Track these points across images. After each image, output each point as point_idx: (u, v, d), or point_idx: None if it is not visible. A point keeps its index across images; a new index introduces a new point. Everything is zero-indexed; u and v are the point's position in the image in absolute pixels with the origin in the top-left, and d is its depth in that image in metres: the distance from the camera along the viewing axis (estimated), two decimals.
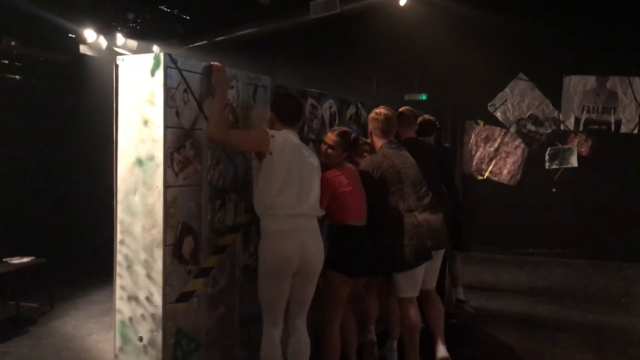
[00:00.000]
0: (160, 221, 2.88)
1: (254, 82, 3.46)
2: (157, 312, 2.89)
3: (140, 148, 2.93)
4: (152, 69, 2.88)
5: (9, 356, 4.31)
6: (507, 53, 8.12)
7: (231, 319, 3.35)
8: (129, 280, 2.99)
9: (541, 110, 8.28)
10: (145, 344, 2.94)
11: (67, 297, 5.80)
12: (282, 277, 3.10)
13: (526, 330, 5.03)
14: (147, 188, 2.91)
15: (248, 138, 3.22)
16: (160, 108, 2.87)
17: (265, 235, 3.15)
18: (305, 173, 3.16)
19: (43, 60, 7.13)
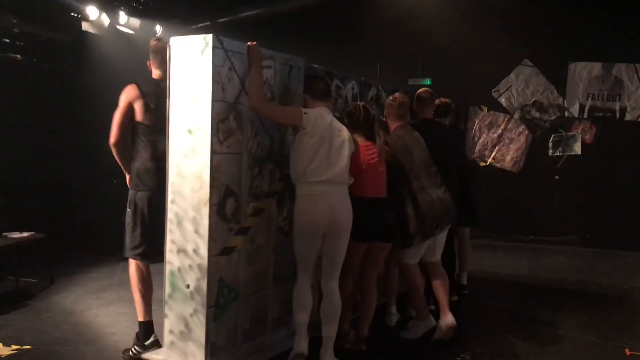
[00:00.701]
0: (207, 183, 3.36)
1: (289, 62, 3.96)
2: (203, 262, 3.39)
3: (190, 119, 3.41)
4: (202, 48, 3.33)
5: (8, 328, 4.44)
6: (512, 39, 8.24)
7: (266, 275, 3.86)
8: (179, 235, 3.47)
9: (546, 97, 8.34)
10: (192, 291, 3.43)
11: (67, 274, 5.93)
12: (312, 236, 3.59)
13: (527, 313, 5.21)
14: (195, 154, 3.39)
15: (283, 112, 3.72)
16: (209, 83, 3.32)
17: (298, 199, 3.64)
18: (334, 145, 3.61)
19: (45, 39, 7.10)
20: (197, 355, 3.43)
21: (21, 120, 6.86)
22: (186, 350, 3.48)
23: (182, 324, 3.48)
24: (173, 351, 3.54)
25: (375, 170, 3.90)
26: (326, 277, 3.69)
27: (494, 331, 4.65)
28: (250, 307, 3.73)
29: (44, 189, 6.90)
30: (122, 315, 4.91)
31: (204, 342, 3.42)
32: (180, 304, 3.48)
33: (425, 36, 8.43)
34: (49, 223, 6.14)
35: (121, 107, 3.70)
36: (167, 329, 3.56)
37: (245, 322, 3.72)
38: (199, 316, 3.41)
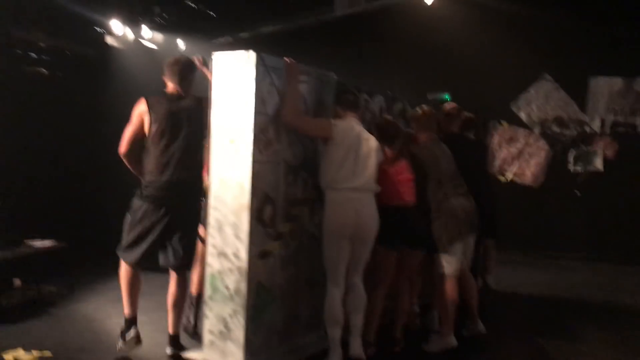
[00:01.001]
0: (247, 190, 3.62)
1: (322, 78, 4.31)
2: (242, 265, 3.63)
3: (232, 130, 3.68)
4: (245, 63, 3.62)
5: (29, 336, 4.54)
6: (532, 54, 8.23)
7: (299, 279, 4.12)
8: (219, 239, 3.72)
9: (566, 112, 8.38)
10: (232, 293, 3.67)
11: (87, 282, 6.05)
12: (340, 240, 3.83)
13: (548, 329, 5.22)
14: (237, 163, 3.65)
15: (315, 125, 4.04)
16: (251, 96, 3.60)
17: (327, 204, 3.91)
18: (362, 154, 3.88)
19: (70, 53, 7.29)
20: (237, 354, 3.64)
21: (46, 132, 7.05)
22: (225, 349, 3.69)
23: (222, 324, 3.71)
24: (212, 350, 3.75)
25: (403, 179, 4.17)
26: (351, 274, 3.95)
27: (513, 347, 4.72)
28: (284, 309, 3.98)
29: (66, 199, 7.06)
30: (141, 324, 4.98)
31: (243, 342, 3.64)
32: (220, 305, 3.71)
33: (444, 50, 8.51)
34: (70, 232, 6.26)
35: (132, 120, 3.98)
36: (207, 329, 3.79)
37: (280, 324, 3.96)
38: (239, 317, 3.64)
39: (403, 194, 4.15)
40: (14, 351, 4.13)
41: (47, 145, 7.08)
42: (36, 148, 6.90)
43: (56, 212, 6.90)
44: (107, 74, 7.77)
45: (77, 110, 7.58)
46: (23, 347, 4.22)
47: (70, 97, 7.52)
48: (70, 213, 7.10)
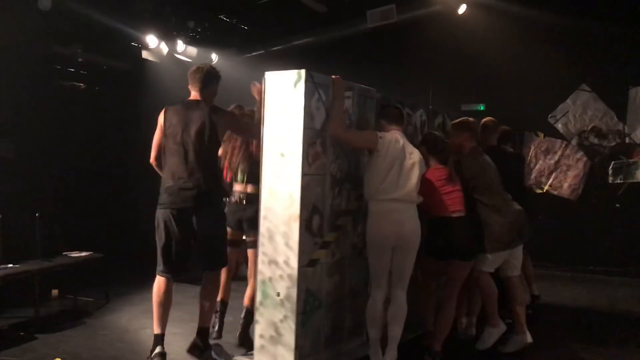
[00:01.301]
0: (297, 201, 3.83)
1: (364, 93, 4.54)
2: (293, 273, 3.84)
3: (283, 143, 3.90)
4: (295, 82, 3.86)
5: (65, 345, 4.77)
6: (569, 63, 8.24)
7: (343, 286, 4.34)
8: (270, 248, 3.93)
9: (605, 123, 8.21)
10: (282, 299, 3.86)
11: (122, 293, 6.17)
12: (383, 249, 4.03)
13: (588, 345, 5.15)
14: (287, 175, 3.87)
15: (361, 137, 4.25)
16: (301, 113, 3.84)
17: (370, 215, 4.12)
18: (405, 166, 4.04)
19: (107, 67, 7.46)
20: (287, 358, 3.84)
21: (83, 145, 7.23)
22: (276, 353, 3.89)
23: (272, 329, 3.91)
24: (263, 354, 3.96)
25: (450, 190, 4.31)
26: (394, 285, 4.15)
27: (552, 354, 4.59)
28: (330, 315, 4.21)
29: (102, 211, 7.19)
30: (174, 335, 5.09)
31: (294, 346, 3.84)
32: (270, 310, 3.92)
33: (478, 60, 8.48)
34: (106, 243, 6.39)
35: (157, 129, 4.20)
36: (258, 333, 4.00)
37: (326, 330, 4.19)
38: (289, 322, 3.84)
39: (451, 205, 4.28)
40: None
41: (84, 157, 7.27)
42: (74, 161, 7.08)
43: (93, 224, 7.06)
44: (143, 88, 7.96)
45: (113, 123, 7.77)
46: (60, 356, 4.32)
47: (107, 110, 7.72)
48: (107, 224, 7.25)
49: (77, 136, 7.17)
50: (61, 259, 5.73)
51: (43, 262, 5.50)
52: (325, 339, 4.15)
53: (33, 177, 6.44)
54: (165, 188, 4.05)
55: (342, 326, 4.34)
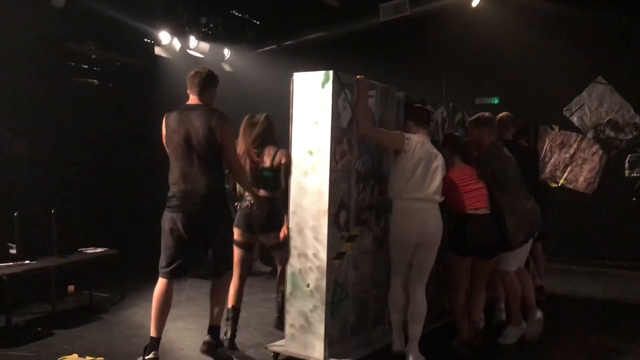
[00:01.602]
0: (326, 197, 4.03)
1: (386, 92, 4.67)
2: (322, 265, 4.05)
3: (311, 141, 4.09)
4: (323, 82, 4.04)
5: (82, 340, 4.83)
6: (584, 55, 8.14)
7: (367, 278, 4.54)
8: (299, 241, 4.14)
9: (621, 115, 8.17)
10: (312, 290, 4.09)
11: (137, 289, 6.24)
12: (406, 245, 4.22)
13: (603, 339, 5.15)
14: (315, 172, 4.08)
15: (390, 138, 4.34)
16: (329, 112, 4.03)
17: (395, 212, 4.31)
18: (431, 168, 4.22)
19: (120, 64, 7.49)
20: (317, 346, 4.07)
21: (97, 141, 7.28)
22: (306, 342, 4.12)
23: (303, 318, 4.13)
24: (293, 343, 4.19)
25: (473, 188, 4.46)
26: (414, 282, 4.29)
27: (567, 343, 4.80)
28: (356, 306, 4.42)
29: (117, 208, 7.25)
30: (189, 330, 5.11)
31: (323, 335, 4.06)
32: (300, 301, 4.14)
33: (492, 53, 8.47)
34: (121, 240, 6.44)
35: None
36: (288, 322, 4.22)
37: (353, 319, 4.39)
38: (319, 312, 4.05)
39: (475, 203, 4.44)
40: (69, 356, 4.27)
41: (99, 154, 7.33)
42: (89, 157, 7.15)
43: (108, 220, 7.11)
44: (156, 84, 8.00)
45: (127, 119, 7.83)
46: (76, 351, 4.36)
47: (121, 107, 7.75)
48: (122, 221, 7.30)
49: (91, 133, 7.25)
50: (77, 255, 5.80)
51: (59, 258, 5.57)
52: (351, 328, 4.37)
53: (48, 174, 6.51)
54: (173, 191, 4.12)
55: (366, 316, 4.57)
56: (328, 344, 4.06)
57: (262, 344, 4.67)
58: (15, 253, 5.41)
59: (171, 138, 4.08)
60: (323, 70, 4.03)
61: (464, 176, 4.48)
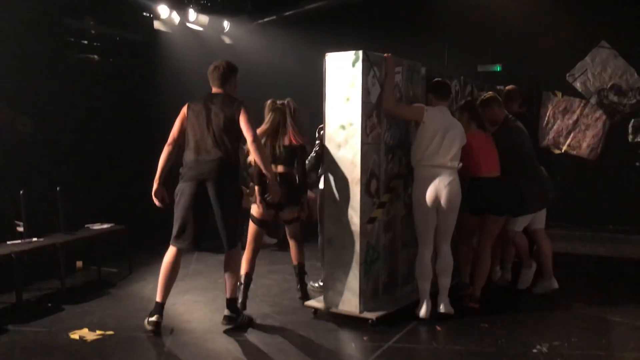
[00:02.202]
0: (358, 167, 4.44)
1: (412, 68, 5.02)
2: (356, 229, 4.49)
3: (343, 117, 4.48)
4: (353, 61, 4.40)
5: (92, 315, 4.91)
6: (588, 20, 8.09)
7: (396, 241, 5.00)
8: (335, 209, 4.57)
9: (625, 80, 8.12)
10: (347, 251, 4.50)
11: (144, 263, 6.32)
12: (427, 210, 4.61)
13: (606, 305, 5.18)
14: (348, 145, 4.47)
15: (409, 110, 4.77)
16: (359, 89, 4.40)
17: (416, 180, 4.71)
18: (448, 137, 4.57)
19: (119, 39, 7.43)
20: (353, 302, 4.53)
21: (99, 117, 7.27)
22: (343, 298, 4.58)
23: (339, 277, 4.58)
24: (331, 299, 4.64)
25: (486, 154, 4.87)
26: (439, 241, 4.77)
27: (569, 322, 4.80)
28: (386, 266, 4.88)
29: (122, 183, 7.26)
30: (197, 303, 5.18)
31: (358, 292, 4.51)
32: (336, 262, 4.58)
33: (494, 20, 8.40)
34: (127, 215, 6.50)
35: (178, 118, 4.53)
36: (327, 282, 4.68)
37: (384, 278, 4.85)
38: (354, 271, 4.50)
39: (488, 167, 4.86)
40: (80, 331, 4.33)
41: (102, 130, 7.32)
42: (92, 133, 7.14)
43: (114, 196, 7.15)
44: (156, 58, 7.94)
45: (128, 94, 7.79)
46: (87, 326, 4.43)
47: (122, 81, 7.72)
48: (127, 196, 7.33)
49: (93, 108, 7.22)
50: (84, 231, 5.86)
51: (66, 235, 5.63)
52: (383, 286, 4.83)
53: (52, 151, 6.53)
54: (186, 162, 4.37)
55: (396, 275, 5.02)
56: (362, 300, 4.51)
57: (269, 314, 4.80)
58: (22, 231, 5.47)
59: (191, 120, 4.36)
60: (353, 51, 4.40)
61: (480, 142, 4.86)
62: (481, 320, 4.66)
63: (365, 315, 4.51)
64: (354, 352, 4.07)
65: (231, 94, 4.44)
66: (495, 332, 4.41)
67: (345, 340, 4.25)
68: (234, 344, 4.19)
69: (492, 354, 3.99)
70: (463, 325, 4.58)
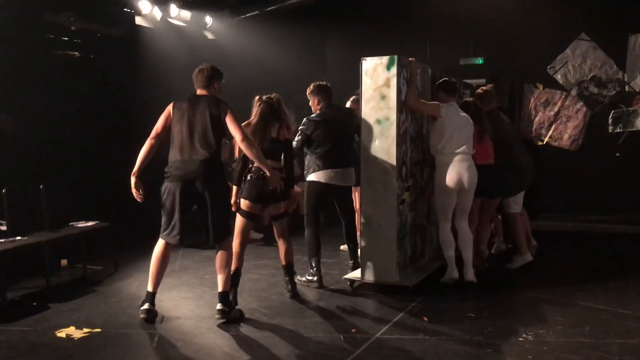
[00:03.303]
0: (393, 156, 5.13)
1: (424, 70, 5.76)
2: (392, 209, 5.16)
3: (379, 113, 5.16)
4: (388, 65, 5.10)
5: (78, 312, 4.86)
6: (568, 12, 8.25)
7: (416, 219, 5.71)
8: (371, 192, 5.21)
9: (604, 72, 8.20)
10: (384, 229, 5.17)
11: (130, 260, 6.30)
12: (450, 193, 5.34)
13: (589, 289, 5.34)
14: (383, 137, 5.15)
15: (429, 107, 5.44)
16: (394, 88, 5.11)
17: (438, 166, 5.43)
18: (463, 128, 5.33)
19: (100, 35, 7.35)
20: (391, 273, 5.18)
21: (81, 113, 7.20)
22: (381, 269, 5.22)
23: (377, 252, 5.22)
24: (370, 272, 5.27)
25: (483, 144, 5.57)
26: (458, 219, 5.49)
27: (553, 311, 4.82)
28: (411, 241, 5.59)
29: (106, 179, 7.22)
30: (184, 299, 5.17)
31: (395, 264, 5.17)
32: (374, 240, 5.22)
33: (475, 13, 8.46)
34: (112, 212, 6.45)
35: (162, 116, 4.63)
36: (365, 256, 5.28)
37: (409, 251, 5.54)
38: (391, 246, 5.16)
39: (485, 156, 5.58)
40: (67, 329, 4.30)
41: (84, 126, 7.26)
42: (74, 130, 7.08)
43: (97, 193, 7.10)
44: (138, 54, 7.86)
45: (110, 90, 7.72)
46: (73, 324, 4.40)
47: (103, 78, 7.64)
48: (111, 193, 7.28)
49: (75, 105, 7.16)
50: (68, 229, 5.80)
51: (50, 233, 5.57)
52: (409, 258, 5.54)
53: (34, 149, 6.46)
54: (172, 162, 4.47)
55: (416, 248, 5.74)
56: (399, 270, 5.18)
57: (256, 309, 4.80)
58: (6, 229, 5.41)
59: (177, 119, 4.46)
60: (388, 56, 5.08)
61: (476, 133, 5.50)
62: (467, 310, 4.74)
63: (403, 283, 5.19)
64: (343, 343, 4.10)
65: (215, 96, 4.56)
66: (481, 321, 4.47)
67: (334, 333, 4.26)
68: (223, 339, 4.19)
69: (479, 343, 4.03)
70: (449, 316, 4.64)
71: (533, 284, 5.48)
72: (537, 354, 3.84)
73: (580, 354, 3.80)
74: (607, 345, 3.95)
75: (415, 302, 4.91)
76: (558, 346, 3.96)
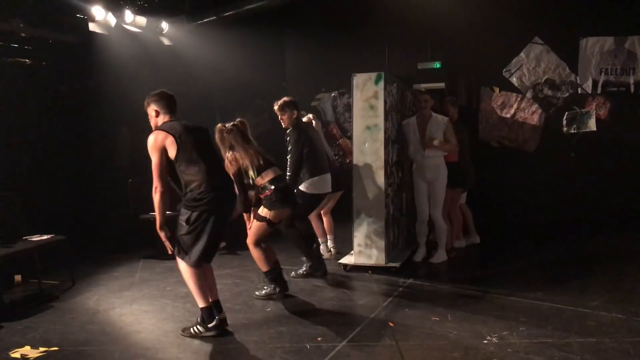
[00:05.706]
0: (382, 157, 6.05)
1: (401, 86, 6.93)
2: (381, 202, 6.10)
3: (369, 120, 6.06)
4: (376, 80, 6.01)
5: (34, 331, 4.68)
6: (522, 17, 8.38)
7: (395, 211, 6.61)
8: (362, 187, 6.13)
9: (558, 74, 8.37)
10: (374, 219, 6.11)
11: (88, 274, 6.16)
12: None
13: (549, 290, 5.38)
14: (373, 141, 6.07)
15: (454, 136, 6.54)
16: (382, 100, 6.01)
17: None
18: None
19: (52, 41, 7.13)
20: (380, 257, 6.14)
21: (34, 123, 6.96)
22: (371, 254, 6.18)
23: (368, 239, 6.17)
24: (361, 255, 6.22)
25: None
26: (432, 209, 6.52)
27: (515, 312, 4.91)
28: (394, 229, 6.62)
29: (61, 192, 7.01)
30: (145, 312, 5.04)
31: (384, 248, 6.12)
32: (365, 227, 6.16)
33: (433, 18, 8.53)
34: (68, 225, 6.25)
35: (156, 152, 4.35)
36: (357, 242, 6.20)
37: (392, 237, 6.47)
38: (379, 233, 6.12)
39: (451, 156, 6.53)
40: (21, 349, 4.13)
41: (39, 137, 7.02)
42: (28, 141, 6.83)
43: (52, 206, 6.88)
44: (92, 60, 7.66)
45: (64, 99, 7.50)
46: (29, 343, 4.23)
47: (57, 86, 7.43)
48: (67, 206, 7.07)
49: (27, 115, 6.92)
50: (22, 243, 5.58)
51: (3, 248, 5.35)
52: (392, 244, 6.47)
53: None
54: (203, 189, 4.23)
55: (396, 235, 6.70)
56: (385, 255, 6.11)
57: None
58: None
59: (188, 147, 4.20)
60: (376, 72, 5.97)
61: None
62: (431, 314, 4.75)
63: (390, 264, 6.12)
64: (309, 352, 4.04)
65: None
66: (445, 325, 4.49)
67: (300, 342, 4.21)
68: (186, 353, 4.09)
69: (445, 347, 4.05)
70: (414, 321, 4.64)
71: (495, 285, 5.52)
72: (501, 356, 3.88)
73: (543, 355, 3.86)
74: (568, 345, 4.02)
75: (380, 308, 4.90)
76: (522, 347, 4.00)
